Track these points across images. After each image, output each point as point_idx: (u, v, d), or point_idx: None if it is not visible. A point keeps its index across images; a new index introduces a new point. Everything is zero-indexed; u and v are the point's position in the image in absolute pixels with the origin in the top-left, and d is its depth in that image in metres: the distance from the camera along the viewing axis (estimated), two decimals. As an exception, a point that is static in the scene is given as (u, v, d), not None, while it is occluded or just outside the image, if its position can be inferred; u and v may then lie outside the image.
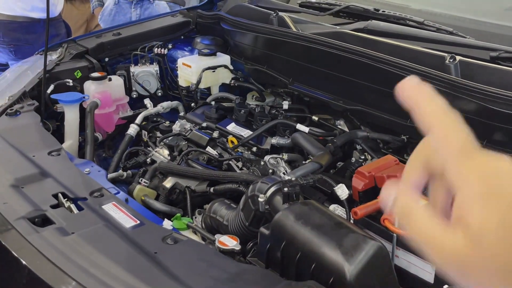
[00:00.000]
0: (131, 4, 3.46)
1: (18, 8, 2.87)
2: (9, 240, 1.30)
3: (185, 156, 1.82)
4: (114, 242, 1.26)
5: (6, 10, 2.86)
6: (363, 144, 1.77)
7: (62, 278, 1.17)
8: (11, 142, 1.66)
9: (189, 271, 1.17)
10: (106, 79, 2.12)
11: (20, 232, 1.29)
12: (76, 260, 1.21)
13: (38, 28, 2.90)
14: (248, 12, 2.30)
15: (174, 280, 1.14)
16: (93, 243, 1.25)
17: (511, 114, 1.53)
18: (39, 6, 2.88)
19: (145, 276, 1.15)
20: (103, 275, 1.16)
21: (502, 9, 2.20)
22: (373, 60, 1.79)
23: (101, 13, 3.58)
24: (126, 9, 3.48)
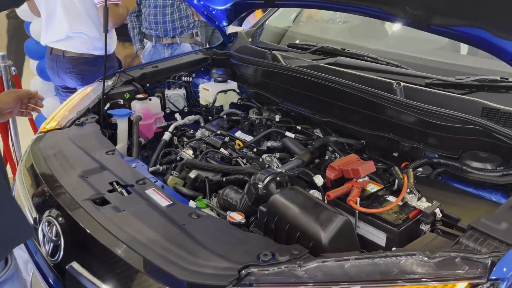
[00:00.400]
0: (165, 46, 3.50)
1: (84, 48, 2.87)
2: (77, 216, 1.30)
3: (204, 155, 1.82)
4: (154, 217, 1.26)
5: (76, 49, 2.87)
6: (333, 146, 1.76)
7: (116, 242, 1.18)
8: (78, 145, 1.66)
9: (208, 237, 1.17)
10: (147, 99, 2.11)
11: (85, 209, 1.29)
12: (126, 229, 1.21)
13: (98, 62, 2.90)
14: (250, 50, 2.30)
15: (197, 243, 1.14)
16: (139, 217, 1.25)
17: (441, 124, 1.53)
18: (99, 46, 2.89)
19: (176, 241, 1.16)
20: (146, 241, 1.16)
21: (434, 49, 2.21)
22: (341, 85, 1.80)
23: (143, 53, 3.61)
24: (160, 50, 3.51)
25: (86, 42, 2.87)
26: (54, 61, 2.97)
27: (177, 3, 3.38)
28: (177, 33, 3.44)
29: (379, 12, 1.63)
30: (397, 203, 1.24)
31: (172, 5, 3.37)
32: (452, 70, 1.81)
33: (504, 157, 1.42)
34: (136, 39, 3.63)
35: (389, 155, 1.73)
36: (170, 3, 3.36)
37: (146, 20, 3.46)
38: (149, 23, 3.44)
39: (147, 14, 3.43)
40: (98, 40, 2.89)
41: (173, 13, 3.38)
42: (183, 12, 3.43)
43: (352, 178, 1.35)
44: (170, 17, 3.38)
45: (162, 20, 3.38)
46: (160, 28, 3.40)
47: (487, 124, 1.43)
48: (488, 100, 1.52)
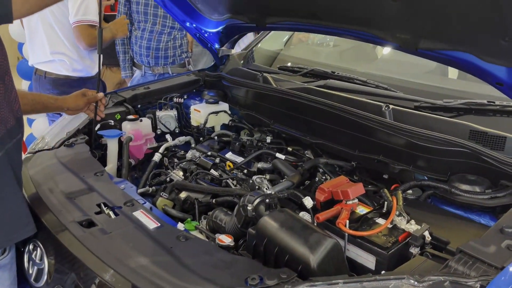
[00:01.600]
0: (155, 76, 3.33)
1: (64, 70, 2.85)
2: (63, 238, 1.28)
3: (194, 176, 1.81)
4: (141, 239, 1.24)
5: (56, 70, 2.85)
6: (324, 168, 1.76)
7: (102, 266, 1.15)
8: (67, 166, 1.65)
9: (196, 260, 1.15)
10: (138, 120, 2.11)
11: (71, 232, 1.27)
12: (113, 253, 1.19)
13: (78, 84, 2.82)
14: (242, 73, 2.32)
15: (185, 267, 1.12)
16: (125, 240, 1.23)
17: (429, 147, 1.54)
18: (78, 68, 2.88)
19: (163, 264, 1.14)
20: (133, 264, 1.14)
21: (422, 72, 2.24)
22: (331, 107, 1.81)
23: (131, 81, 3.43)
24: (150, 80, 3.24)
25: (66, 64, 2.85)
26: (37, 81, 2.96)
27: (174, 32, 3.23)
28: (168, 63, 3.28)
29: (369, 36, 1.65)
30: (386, 225, 1.23)
31: (169, 33, 3.21)
32: (441, 93, 1.83)
33: (492, 180, 1.43)
34: (126, 65, 3.41)
35: (379, 177, 1.74)
36: (168, 31, 3.20)
37: (137, 44, 3.26)
38: (140, 47, 3.24)
39: (139, 36, 3.23)
40: (77, 62, 2.87)
41: (168, 42, 3.22)
42: (178, 42, 3.27)
43: (341, 200, 1.34)
44: (164, 44, 3.21)
45: (156, 46, 3.20)
46: (152, 55, 3.22)
47: (474, 147, 1.44)
48: (475, 123, 1.54)
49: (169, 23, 3.18)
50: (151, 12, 3.15)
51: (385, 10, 1.43)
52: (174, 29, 3.21)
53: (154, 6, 3.13)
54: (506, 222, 1.15)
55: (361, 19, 1.58)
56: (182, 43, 3.32)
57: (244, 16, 2.07)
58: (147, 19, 3.18)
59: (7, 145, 1.27)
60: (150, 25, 3.19)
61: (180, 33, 3.27)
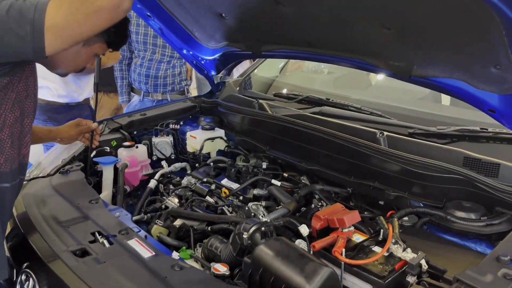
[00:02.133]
0: (153, 102, 3.36)
1: (50, 96, 2.85)
2: (56, 267, 1.26)
3: (190, 203, 1.80)
4: (135, 268, 1.23)
5: (42, 96, 2.83)
6: (320, 194, 1.76)
7: (95, 297, 1.14)
8: (62, 193, 1.64)
9: (190, 291, 1.14)
10: (134, 147, 2.11)
11: (64, 261, 1.25)
12: (106, 283, 1.17)
13: (63, 110, 2.84)
14: (237, 99, 2.34)
15: (179, 298, 1.11)
16: (120, 270, 1.22)
17: (424, 174, 1.55)
18: (63, 94, 2.87)
19: (157, 295, 1.12)
20: (126, 295, 1.12)
21: (416, 99, 2.27)
22: (325, 134, 1.82)
23: (127, 106, 3.46)
24: (148, 105, 3.28)
25: (51, 90, 2.85)
26: None
27: (173, 61, 3.27)
28: (167, 90, 3.31)
29: (363, 63, 1.68)
30: (382, 254, 1.23)
31: (169, 62, 3.25)
32: (434, 120, 1.85)
33: (487, 207, 1.43)
34: (123, 90, 3.46)
35: (375, 203, 1.73)
36: (167, 60, 3.25)
37: (136, 71, 3.31)
38: (139, 74, 3.28)
39: (138, 64, 3.28)
40: (62, 88, 2.86)
41: (167, 70, 3.25)
42: (177, 69, 3.31)
43: (337, 227, 1.34)
44: (163, 72, 3.25)
45: (155, 74, 3.24)
46: (151, 82, 3.26)
47: (468, 173, 1.45)
48: (469, 150, 1.55)
49: (168, 52, 3.23)
50: (150, 42, 3.21)
51: (378, 39, 1.46)
52: (173, 58, 3.26)
53: (153, 36, 3.18)
54: (502, 250, 1.15)
55: (355, 47, 1.61)
56: (181, 71, 3.36)
57: (240, 44, 2.11)
58: (147, 49, 3.23)
59: (3, 184, 1.27)
60: (150, 54, 3.24)
61: (179, 61, 3.31)
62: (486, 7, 1.04)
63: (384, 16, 1.34)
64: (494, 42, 1.14)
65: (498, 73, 1.26)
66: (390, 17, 1.32)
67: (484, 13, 1.06)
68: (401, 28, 1.35)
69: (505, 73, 1.23)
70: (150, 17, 2.11)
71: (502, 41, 1.11)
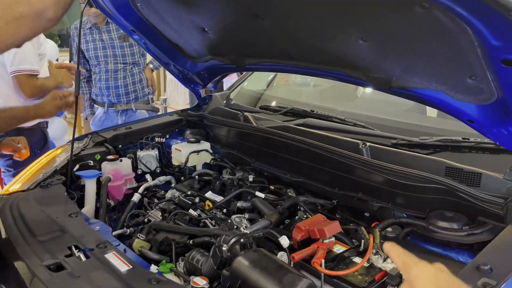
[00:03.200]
0: (118, 112, 3.37)
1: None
2: (31, 283, 1.23)
3: (173, 216, 1.78)
4: (111, 283, 1.20)
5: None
6: (304, 206, 1.75)
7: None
8: (41, 207, 1.61)
9: (166, 305, 1.11)
10: (118, 160, 2.09)
11: (38, 276, 1.22)
12: (80, 297, 1.15)
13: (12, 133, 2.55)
14: (223, 112, 2.34)
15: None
16: (93, 284, 1.19)
17: (407, 184, 1.54)
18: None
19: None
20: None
21: (402, 110, 2.28)
22: (310, 145, 1.82)
23: (93, 119, 3.47)
24: (113, 116, 3.37)
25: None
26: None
27: (129, 67, 3.30)
28: (131, 99, 3.34)
29: (344, 75, 1.69)
30: (362, 264, 1.21)
31: (124, 69, 3.28)
32: (419, 131, 1.85)
33: (470, 216, 1.42)
34: (86, 104, 3.51)
35: (361, 215, 1.72)
36: (122, 67, 3.28)
37: (97, 86, 3.35)
38: (100, 89, 3.33)
39: (97, 79, 3.33)
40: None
41: (126, 77, 3.29)
42: (136, 77, 3.33)
43: (318, 238, 1.32)
44: (122, 81, 3.29)
45: (114, 85, 3.28)
46: (113, 93, 3.30)
47: (450, 183, 1.45)
48: (451, 160, 1.55)
49: (120, 59, 3.28)
50: (101, 54, 3.27)
51: (356, 51, 1.46)
52: (127, 64, 3.30)
53: (102, 48, 3.25)
54: (482, 259, 1.14)
55: (335, 59, 1.62)
56: (142, 78, 3.39)
57: (224, 58, 2.11)
58: (99, 62, 3.30)
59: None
60: (104, 66, 3.31)
61: (137, 68, 3.34)
62: (457, 20, 1.05)
63: (360, 29, 1.34)
64: (467, 53, 1.15)
65: (474, 84, 1.26)
66: (366, 29, 1.33)
67: (455, 25, 1.07)
68: (377, 40, 1.36)
69: (481, 83, 1.23)
70: (134, 32, 2.12)
71: (475, 52, 1.12)
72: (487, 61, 1.11)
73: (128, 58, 3.30)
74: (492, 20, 0.96)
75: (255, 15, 1.54)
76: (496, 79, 1.16)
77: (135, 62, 3.35)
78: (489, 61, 1.10)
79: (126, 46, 3.28)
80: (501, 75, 1.12)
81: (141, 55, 3.41)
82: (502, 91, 1.19)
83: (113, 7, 1.90)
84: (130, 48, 3.31)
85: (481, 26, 1.01)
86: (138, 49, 3.36)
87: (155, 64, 3.62)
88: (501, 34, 0.97)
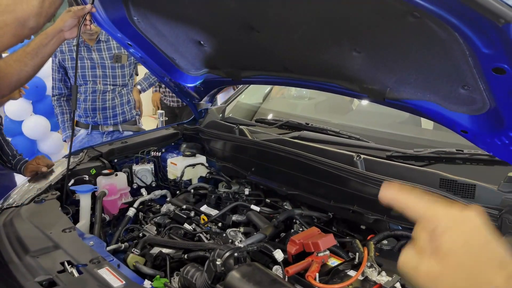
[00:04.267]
0: (103, 134, 3.21)
1: None
2: (22, 300, 1.22)
3: (167, 230, 1.77)
4: (103, 299, 1.19)
5: None
6: (300, 219, 1.74)
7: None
8: (34, 223, 1.60)
9: (159, 320, 1.10)
10: (113, 175, 2.09)
11: (30, 293, 1.21)
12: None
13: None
14: (219, 125, 2.35)
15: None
16: (86, 300, 1.18)
17: (402, 196, 1.54)
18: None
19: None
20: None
21: (396, 122, 2.28)
22: (304, 158, 1.82)
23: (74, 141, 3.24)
24: (97, 138, 3.21)
25: None
26: None
27: (118, 89, 3.18)
28: (119, 121, 3.21)
29: (339, 87, 1.70)
30: (356, 278, 1.20)
31: (113, 91, 3.16)
32: (414, 143, 1.86)
33: (465, 228, 1.42)
34: (66, 125, 3.30)
35: (356, 227, 1.72)
36: (112, 88, 3.15)
37: (81, 107, 3.16)
38: (85, 110, 3.16)
39: (82, 100, 3.15)
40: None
41: (114, 99, 3.16)
42: (125, 98, 3.21)
43: (313, 252, 1.32)
44: (111, 103, 3.15)
45: (102, 106, 3.13)
46: (99, 115, 3.15)
47: (445, 195, 1.45)
48: (446, 172, 1.55)
49: (110, 81, 3.14)
50: (89, 74, 3.12)
51: (350, 62, 1.47)
52: (117, 86, 3.16)
53: (91, 67, 3.11)
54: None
55: (329, 71, 1.63)
56: (130, 99, 3.26)
57: (220, 71, 2.13)
58: (87, 81, 3.12)
59: None
60: (91, 86, 3.13)
61: (125, 89, 3.21)
62: (448, 29, 1.06)
63: (353, 40, 1.36)
64: (459, 63, 1.16)
65: (466, 94, 1.27)
66: (359, 41, 1.35)
67: (447, 35, 1.08)
68: (371, 51, 1.37)
69: (473, 93, 1.24)
70: (130, 45, 2.14)
71: (467, 62, 1.13)
72: (479, 70, 1.12)
73: (119, 80, 3.17)
74: (482, 27, 0.97)
75: (250, 27, 1.56)
76: (488, 88, 1.17)
77: (124, 84, 3.22)
78: (481, 70, 1.11)
79: (117, 68, 3.16)
80: (492, 84, 1.13)
81: (130, 77, 3.28)
82: (494, 100, 1.20)
83: (110, 21, 1.92)
84: (121, 70, 3.17)
85: (471, 34, 1.02)
86: (129, 71, 3.23)
87: (143, 85, 3.52)
88: (491, 42, 0.98)
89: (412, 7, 1.03)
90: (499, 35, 0.95)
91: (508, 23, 0.89)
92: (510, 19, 0.89)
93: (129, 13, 1.83)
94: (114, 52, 3.13)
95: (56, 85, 3.25)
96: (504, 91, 1.11)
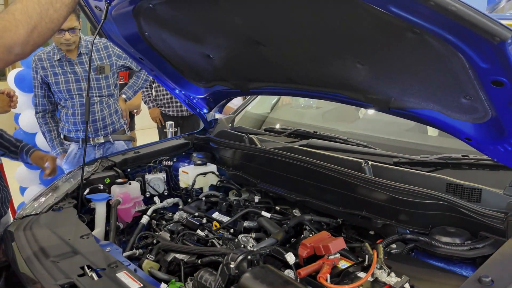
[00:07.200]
0: (95, 147, 3.14)
1: None
2: (45, 302, 1.27)
3: (181, 237, 1.82)
4: (122, 301, 1.24)
5: None
6: (310, 225, 1.78)
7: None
8: (53, 230, 1.66)
9: (176, 321, 1.14)
10: (127, 184, 2.15)
11: (53, 295, 1.27)
12: (93, 315, 1.18)
13: None
14: (229, 135, 2.41)
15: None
16: (106, 302, 1.22)
17: (409, 201, 1.58)
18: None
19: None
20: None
21: (402, 130, 2.32)
22: (314, 165, 1.86)
23: (66, 157, 3.16)
24: (90, 151, 3.13)
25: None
26: None
27: (105, 99, 3.11)
28: (109, 131, 3.15)
29: (344, 97, 1.75)
30: (366, 278, 1.24)
31: (100, 102, 3.09)
32: (420, 150, 1.89)
33: (472, 231, 1.45)
34: (55, 142, 3.18)
35: (365, 233, 1.75)
36: (98, 100, 3.08)
37: (70, 121, 3.08)
38: (75, 124, 3.08)
39: (70, 114, 3.06)
40: None
41: (103, 110, 3.10)
42: (112, 108, 3.16)
43: (324, 255, 1.36)
44: (100, 114, 3.09)
45: (92, 118, 3.05)
46: (90, 128, 3.07)
47: (451, 199, 1.48)
48: (453, 177, 1.59)
49: (96, 92, 3.08)
50: (74, 88, 3.03)
51: (354, 74, 1.53)
52: (103, 97, 3.11)
53: (75, 81, 3.02)
54: (484, 271, 1.16)
55: (334, 82, 1.68)
56: (117, 109, 3.23)
57: (229, 83, 2.19)
58: (73, 95, 3.04)
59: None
60: (78, 100, 3.05)
61: (112, 99, 3.18)
62: (447, 45, 1.11)
63: (356, 54, 1.41)
64: (460, 75, 1.20)
65: (468, 103, 1.31)
66: (362, 54, 1.40)
67: (445, 50, 1.13)
68: (374, 64, 1.43)
69: (475, 103, 1.28)
70: (142, 59, 2.21)
71: (467, 74, 1.17)
72: (479, 82, 1.17)
73: (104, 91, 3.09)
74: (479, 45, 1.03)
75: (256, 42, 1.62)
76: (488, 98, 1.21)
77: (110, 94, 3.16)
78: (480, 82, 1.16)
79: (102, 79, 3.07)
80: (492, 95, 1.18)
81: (114, 86, 3.21)
82: (494, 110, 1.24)
83: (122, 37, 1.99)
84: (105, 80, 3.09)
85: (469, 50, 1.07)
86: (113, 81, 3.17)
87: (128, 94, 3.47)
88: (488, 57, 1.03)
89: (411, 24, 1.08)
90: (495, 52, 1.00)
91: (503, 41, 0.95)
92: (505, 37, 0.95)
93: (140, 29, 1.90)
94: (97, 64, 3.05)
95: (39, 101, 3.11)
96: (503, 102, 1.16)
